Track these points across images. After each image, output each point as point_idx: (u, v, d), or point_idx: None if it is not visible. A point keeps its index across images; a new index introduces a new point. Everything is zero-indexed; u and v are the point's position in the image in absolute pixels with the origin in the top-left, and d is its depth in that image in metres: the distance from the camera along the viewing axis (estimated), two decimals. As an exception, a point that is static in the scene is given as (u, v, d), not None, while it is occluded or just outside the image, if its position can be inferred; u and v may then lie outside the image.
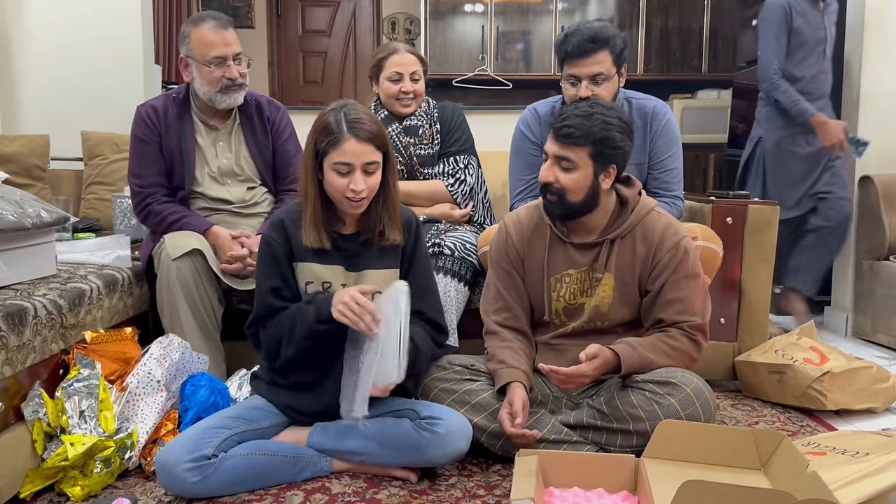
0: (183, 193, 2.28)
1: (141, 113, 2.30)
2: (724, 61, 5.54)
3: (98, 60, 3.47)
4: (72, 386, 1.73)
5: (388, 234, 1.76)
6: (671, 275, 1.78)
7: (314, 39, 6.63)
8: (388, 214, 1.75)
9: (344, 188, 1.67)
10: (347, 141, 1.65)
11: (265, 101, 2.42)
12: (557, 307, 1.87)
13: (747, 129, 4.35)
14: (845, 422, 2.19)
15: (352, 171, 1.66)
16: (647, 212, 1.83)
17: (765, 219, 2.41)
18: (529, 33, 5.65)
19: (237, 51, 2.25)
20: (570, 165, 1.74)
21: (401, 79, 2.46)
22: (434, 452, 1.67)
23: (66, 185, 3.24)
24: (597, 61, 2.17)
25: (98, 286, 1.98)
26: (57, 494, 1.65)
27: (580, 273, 1.84)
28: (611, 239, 1.81)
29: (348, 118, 1.66)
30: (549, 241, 1.86)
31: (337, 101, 1.74)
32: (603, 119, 1.73)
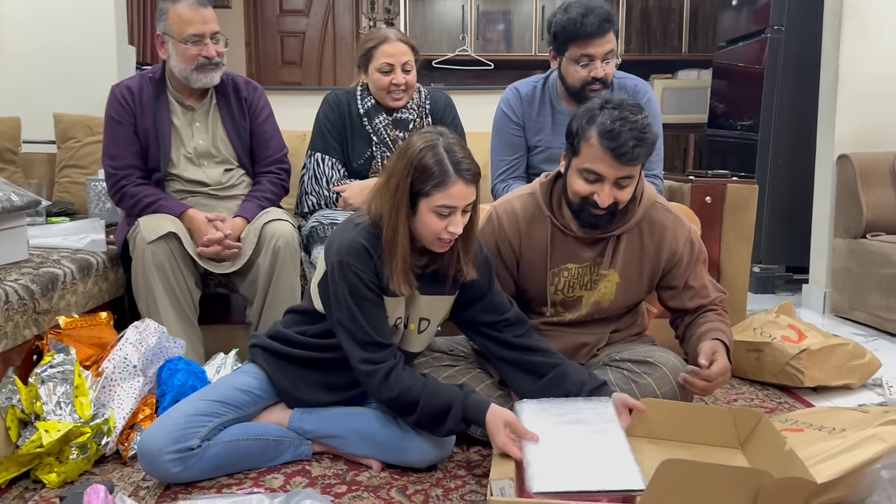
0: (158, 175, 2.24)
1: (115, 93, 2.26)
2: (705, 41, 5.55)
3: (70, 41, 3.40)
4: (46, 372, 1.70)
5: (467, 271, 1.66)
6: (690, 266, 1.80)
7: (292, 19, 6.54)
8: (465, 251, 1.66)
9: (441, 230, 1.57)
10: (455, 184, 1.54)
11: (242, 81, 2.38)
12: (555, 300, 1.84)
13: (727, 110, 4.38)
14: (822, 398, 2.21)
15: (453, 213, 1.56)
16: (652, 204, 1.79)
17: (743, 198, 2.42)
18: (510, 13, 5.62)
19: (215, 29, 2.20)
20: (629, 182, 1.66)
21: (392, 70, 2.32)
22: (414, 456, 1.65)
23: (39, 169, 3.18)
24: (609, 40, 2.18)
25: (72, 271, 1.95)
26: (32, 482, 1.62)
27: (581, 268, 1.79)
28: (617, 234, 1.76)
29: (453, 158, 1.55)
30: (551, 234, 1.78)
31: (423, 133, 1.60)
32: (648, 124, 1.62)
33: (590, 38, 2.15)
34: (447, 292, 1.71)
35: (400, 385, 1.57)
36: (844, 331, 2.99)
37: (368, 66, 2.37)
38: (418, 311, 1.70)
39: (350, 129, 2.42)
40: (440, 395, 1.57)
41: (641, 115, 1.62)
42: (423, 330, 1.72)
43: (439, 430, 1.59)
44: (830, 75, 3.38)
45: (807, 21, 3.71)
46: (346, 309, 1.59)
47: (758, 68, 3.94)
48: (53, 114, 3.16)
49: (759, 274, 3.79)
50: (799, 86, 3.78)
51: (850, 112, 3.31)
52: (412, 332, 1.71)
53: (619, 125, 1.58)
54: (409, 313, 1.69)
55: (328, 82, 6.46)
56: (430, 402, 1.56)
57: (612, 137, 1.58)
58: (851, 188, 3.23)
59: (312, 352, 1.71)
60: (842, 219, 3.31)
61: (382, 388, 1.58)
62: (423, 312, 1.70)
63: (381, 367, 1.58)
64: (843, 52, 3.30)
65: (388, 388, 1.58)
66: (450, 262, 1.67)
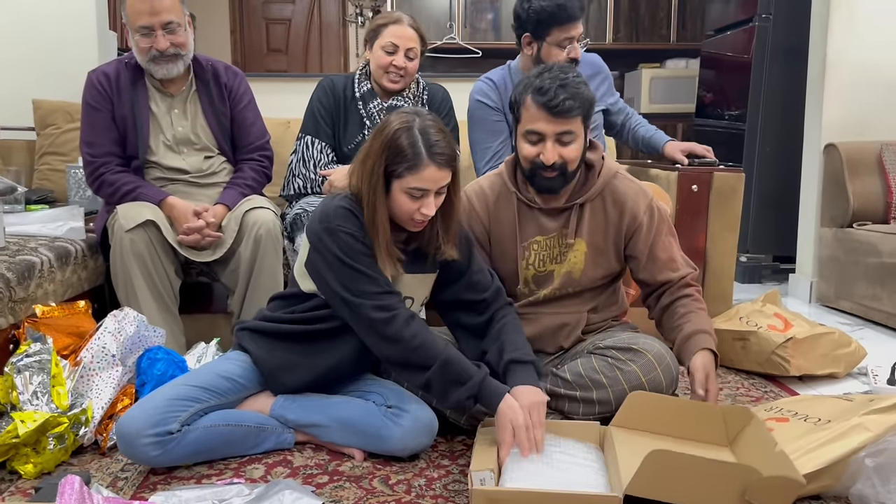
0: (137, 163, 2.20)
1: (92, 79, 2.21)
2: (693, 30, 5.53)
3: (50, 26, 3.34)
4: (21, 361, 1.67)
5: (445, 249, 1.67)
6: (655, 237, 1.79)
7: (278, 6, 6.46)
8: (445, 231, 1.67)
9: (413, 211, 1.58)
10: (427, 168, 1.54)
11: (222, 67, 2.34)
12: (527, 275, 1.84)
13: (715, 99, 4.37)
14: (808, 387, 2.21)
15: (425, 195, 1.57)
16: (614, 174, 1.81)
17: (730, 186, 2.41)
18: (498, 1, 5.58)
19: (166, 20, 2.11)
20: (571, 138, 1.70)
21: (395, 51, 2.30)
22: (395, 445, 1.63)
23: (18, 156, 3.13)
24: (580, 22, 2.29)
25: (49, 259, 1.91)
26: (9, 472, 1.59)
27: (549, 239, 1.82)
28: (580, 203, 1.79)
29: (427, 141, 1.55)
30: (518, 209, 1.83)
31: (400, 113, 1.60)
32: (581, 81, 1.71)
33: (573, 20, 2.23)
34: (428, 270, 1.71)
35: (423, 335, 1.56)
36: (830, 320, 3.00)
37: (374, 42, 2.34)
38: (401, 290, 1.67)
39: (344, 112, 2.39)
40: (462, 362, 1.56)
41: (572, 73, 1.71)
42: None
43: (446, 398, 1.57)
44: (818, 64, 3.37)
45: (795, 9, 3.70)
46: (346, 269, 1.58)
47: (745, 57, 3.93)
48: (32, 100, 3.11)
49: (746, 263, 3.80)
50: (786, 75, 3.78)
51: (837, 101, 3.31)
52: None
53: (549, 82, 1.67)
54: None
55: (314, 70, 6.40)
56: (451, 364, 1.55)
57: (543, 93, 1.67)
58: (838, 177, 3.23)
59: (303, 325, 1.69)
60: (828, 208, 3.31)
61: (405, 332, 1.55)
62: (406, 291, 1.69)
63: (400, 311, 1.57)
64: (831, 40, 3.29)
65: (410, 333, 1.55)
66: (430, 240, 1.67)
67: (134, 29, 2.13)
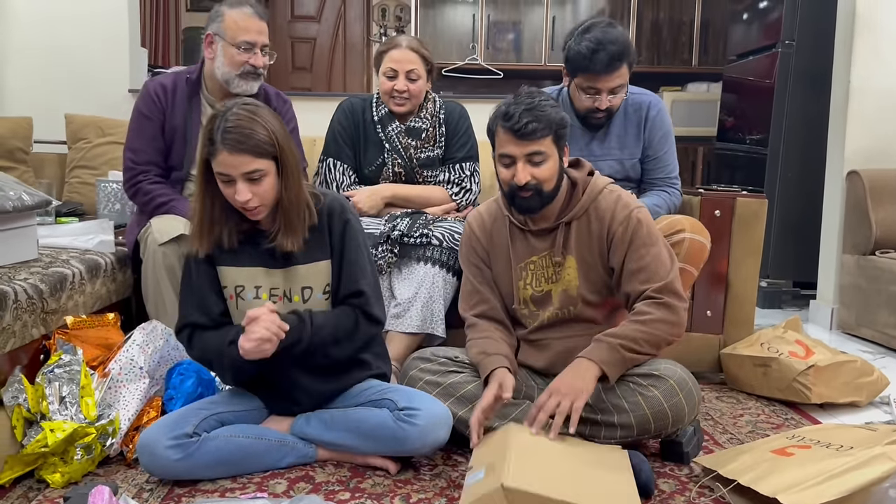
0: (179, 174, 2.25)
1: (149, 88, 2.28)
2: (715, 54, 5.54)
3: (83, 42, 3.43)
4: (52, 371, 1.70)
5: (280, 241, 1.66)
6: (629, 247, 1.76)
7: (303, 25, 6.56)
8: (282, 222, 1.66)
9: (231, 197, 1.61)
10: (220, 153, 1.57)
11: (274, 92, 2.42)
12: (524, 295, 1.86)
13: (736, 123, 4.37)
14: (829, 415, 2.20)
15: (233, 181, 1.59)
16: (600, 191, 1.82)
17: (753, 212, 2.41)
18: (520, 23, 5.63)
19: (266, 42, 2.25)
20: (542, 158, 1.73)
21: (396, 76, 2.35)
22: (414, 444, 1.65)
23: (50, 169, 3.20)
24: (619, 75, 2.19)
25: (80, 271, 1.95)
26: (37, 481, 1.62)
27: (542, 259, 1.85)
28: (566, 222, 1.82)
29: (225, 125, 1.57)
30: (510, 232, 1.87)
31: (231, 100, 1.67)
32: (549, 104, 1.74)
33: (597, 74, 2.17)
34: (319, 258, 1.72)
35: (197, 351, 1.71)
36: (851, 347, 2.98)
37: (378, 69, 2.40)
38: (298, 281, 1.72)
39: (363, 135, 2.43)
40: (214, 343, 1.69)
41: (539, 98, 1.74)
42: (307, 299, 1.73)
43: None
44: (841, 90, 3.37)
45: (818, 36, 3.71)
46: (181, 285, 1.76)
47: (768, 82, 3.93)
48: (65, 114, 3.18)
49: (767, 289, 3.78)
50: (809, 100, 3.78)
51: (860, 128, 3.30)
52: (297, 303, 1.72)
53: (514, 108, 1.73)
54: (291, 285, 1.72)
55: (338, 89, 6.48)
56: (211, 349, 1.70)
57: (508, 118, 1.73)
58: (861, 204, 3.22)
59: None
60: (851, 235, 3.30)
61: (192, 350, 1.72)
62: (303, 280, 1.72)
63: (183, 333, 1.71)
64: (855, 67, 3.29)
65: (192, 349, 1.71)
66: (269, 228, 1.69)
67: (234, 43, 2.20)
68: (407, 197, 2.41)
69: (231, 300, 1.72)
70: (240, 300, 1.71)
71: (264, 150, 1.59)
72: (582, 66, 2.17)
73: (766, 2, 4.10)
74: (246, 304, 1.70)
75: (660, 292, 1.71)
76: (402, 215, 2.33)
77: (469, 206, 2.51)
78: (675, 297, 1.72)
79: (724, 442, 1.94)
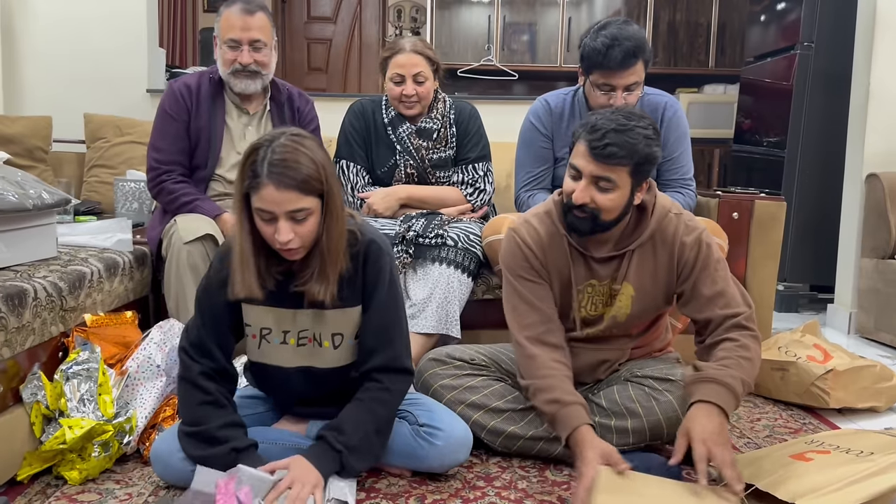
0: (203, 174, 2.27)
1: (174, 88, 2.30)
2: (732, 56, 5.51)
3: (102, 42, 3.46)
4: (71, 369, 1.72)
5: (312, 287, 1.51)
6: (701, 272, 1.68)
7: (319, 26, 6.59)
8: (318, 267, 1.51)
9: (270, 236, 1.46)
10: (266, 187, 1.41)
11: (297, 92, 2.44)
12: (578, 317, 1.79)
13: (753, 125, 4.34)
14: (848, 420, 2.18)
15: (275, 218, 1.44)
16: (665, 215, 1.72)
17: (771, 214, 2.39)
18: (536, 24, 5.62)
19: (255, 37, 2.22)
20: (609, 186, 1.59)
21: (403, 81, 2.34)
22: (432, 462, 1.64)
23: (69, 168, 3.22)
24: (634, 72, 2.15)
25: (99, 269, 1.97)
26: (54, 478, 1.64)
27: (602, 285, 1.76)
28: (632, 250, 1.72)
29: (273, 158, 1.41)
30: (570, 254, 1.74)
31: (276, 129, 1.51)
32: (643, 134, 1.58)
33: (612, 70, 2.13)
34: (349, 304, 1.59)
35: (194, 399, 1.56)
36: (870, 352, 2.95)
37: (385, 74, 2.41)
38: (328, 327, 1.59)
39: (374, 137, 2.44)
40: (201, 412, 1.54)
41: (636, 122, 1.59)
42: (338, 345, 1.61)
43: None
44: (861, 93, 3.34)
45: (837, 38, 3.68)
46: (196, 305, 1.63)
47: (786, 84, 3.90)
48: (84, 114, 3.21)
49: (784, 292, 3.75)
50: (828, 103, 3.75)
51: (880, 130, 3.27)
52: (327, 348, 1.61)
53: (603, 122, 1.59)
54: (321, 331, 1.60)
55: (353, 89, 6.50)
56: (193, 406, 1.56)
57: (592, 131, 1.58)
58: (880, 208, 3.18)
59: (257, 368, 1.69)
60: (869, 238, 3.26)
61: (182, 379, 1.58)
62: (333, 327, 1.60)
63: (192, 369, 1.56)
64: (875, 69, 3.26)
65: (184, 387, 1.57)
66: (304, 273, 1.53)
67: (223, 41, 2.22)
68: (422, 198, 2.41)
69: (254, 339, 1.62)
70: (264, 342, 1.61)
71: (312, 188, 1.44)
72: (597, 62, 2.15)
73: (785, 3, 4.07)
74: (271, 347, 1.60)
75: (750, 321, 1.64)
76: (417, 216, 2.34)
77: (484, 206, 2.50)
78: (756, 325, 1.67)
79: (742, 446, 1.93)
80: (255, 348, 1.63)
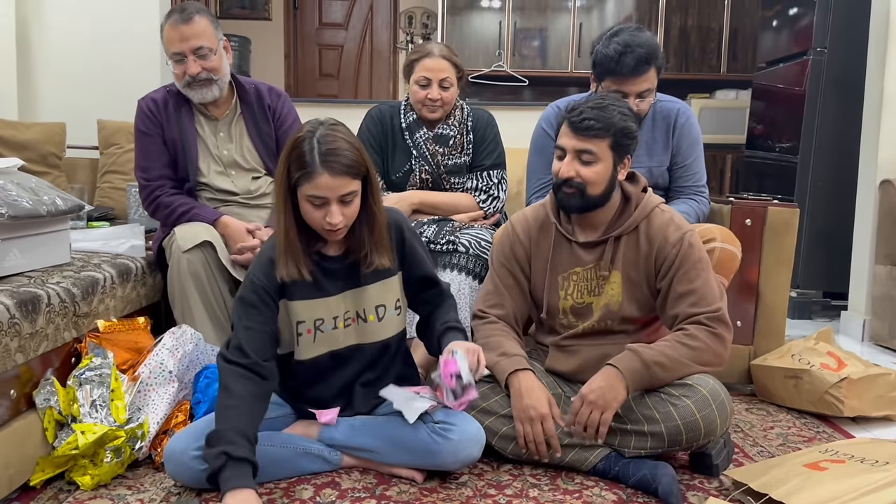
0: (189, 185, 2.27)
1: (142, 106, 2.29)
2: (744, 61, 5.49)
3: (115, 49, 3.48)
4: (84, 374, 1.72)
5: (374, 258, 1.67)
6: (678, 269, 1.74)
7: (331, 32, 6.62)
8: (372, 239, 1.67)
9: (320, 220, 1.58)
10: (321, 176, 1.54)
11: (265, 88, 2.39)
12: (565, 306, 1.84)
13: (766, 131, 4.32)
14: (862, 429, 2.16)
15: (327, 203, 1.57)
16: (652, 209, 1.80)
17: (784, 221, 2.38)
18: (546, 30, 5.62)
19: (196, 45, 2.16)
20: (591, 158, 1.72)
21: (429, 84, 2.36)
22: (446, 458, 1.65)
23: (82, 174, 3.25)
24: (647, 79, 2.16)
25: (112, 275, 1.98)
26: (67, 483, 1.64)
27: (587, 271, 1.82)
28: (615, 236, 1.79)
29: (322, 149, 1.54)
30: (554, 240, 1.85)
31: (308, 122, 1.62)
32: (618, 109, 1.73)
33: (624, 77, 2.14)
34: (386, 275, 1.73)
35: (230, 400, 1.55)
36: (884, 360, 2.92)
37: (410, 77, 2.41)
38: (371, 301, 1.72)
39: (392, 142, 2.44)
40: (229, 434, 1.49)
41: (612, 102, 1.74)
42: (382, 317, 1.74)
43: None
44: (875, 98, 3.32)
45: (850, 43, 3.65)
46: (236, 309, 1.65)
47: (798, 90, 3.88)
48: (97, 120, 3.23)
49: (797, 299, 3.72)
50: (841, 108, 3.72)
51: (894, 136, 3.24)
52: (372, 322, 1.73)
53: (581, 103, 1.74)
54: (364, 306, 1.72)
55: (364, 96, 6.52)
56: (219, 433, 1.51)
57: (571, 109, 1.75)
58: (894, 214, 3.16)
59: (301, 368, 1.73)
60: (883, 245, 3.24)
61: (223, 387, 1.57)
62: (376, 300, 1.72)
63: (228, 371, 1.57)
64: (889, 74, 3.24)
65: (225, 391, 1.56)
66: (359, 250, 1.68)
67: (168, 55, 2.20)
68: (435, 204, 2.41)
69: (308, 334, 1.68)
70: (318, 333, 1.69)
71: (358, 171, 1.58)
72: (609, 69, 2.15)
73: (797, 8, 4.05)
74: (325, 336, 1.70)
75: (713, 321, 1.69)
76: (428, 222, 2.34)
77: (496, 214, 2.50)
78: (726, 329, 1.71)
79: (755, 455, 1.91)
80: (311, 343, 1.69)
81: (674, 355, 1.66)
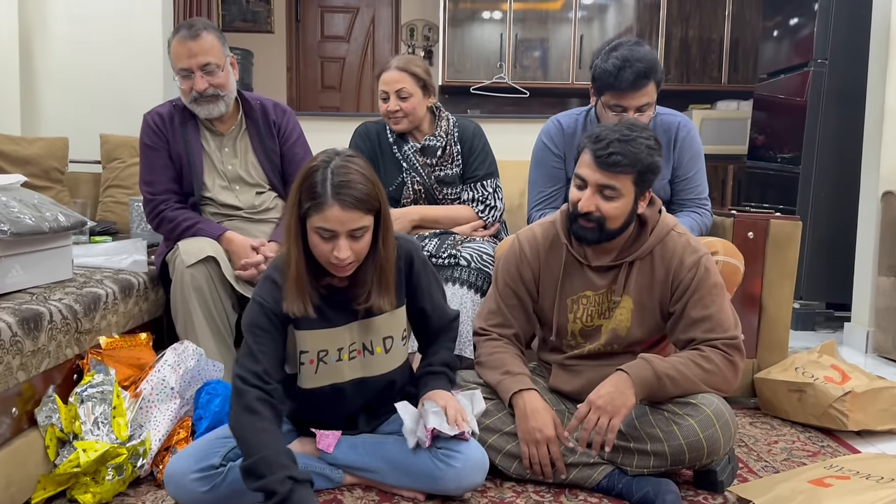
0: (194, 199, 2.27)
1: (147, 120, 2.30)
2: (745, 72, 5.50)
3: (118, 64, 3.50)
4: (85, 391, 1.72)
5: (373, 299, 1.60)
6: (693, 294, 1.70)
7: (333, 45, 6.64)
8: (377, 280, 1.60)
9: (327, 254, 1.52)
10: (331, 208, 1.48)
11: (271, 104, 2.40)
12: (574, 328, 1.82)
13: (767, 142, 4.32)
14: (867, 443, 2.14)
15: (335, 236, 1.50)
16: (667, 232, 1.76)
17: (786, 234, 2.37)
18: (547, 41, 5.64)
19: (203, 61, 2.16)
20: (614, 194, 1.67)
21: (388, 97, 2.39)
22: (448, 485, 1.63)
23: (84, 188, 3.26)
24: (646, 93, 2.15)
25: (114, 291, 1.98)
26: (68, 501, 1.64)
27: (598, 295, 1.79)
28: (629, 261, 1.76)
29: (335, 180, 1.48)
30: (565, 262, 1.80)
31: (323, 152, 1.56)
32: (646, 144, 1.66)
33: (623, 92, 2.13)
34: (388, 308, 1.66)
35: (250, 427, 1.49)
36: (888, 371, 2.91)
37: None
38: (380, 333, 1.67)
39: (381, 156, 2.46)
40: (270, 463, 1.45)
41: (639, 133, 1.67)
42: (389, 349, 1.70)
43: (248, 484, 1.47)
44: (876, 110, 3.32)
45: (851, 54, 3.66)
46: (245, 335, 1.58)
47: (800, 100, 3.89)
48: (100, 135, 3.24)
49: (799, 310, 3.71)
50: (843, 119, 3.72)
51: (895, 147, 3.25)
52: (379, 354, 1.68)
53: (609, 133, 1.66)
54: (372, 338, 1.67)
55: (366, 108, 6.54)
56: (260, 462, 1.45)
57: (596, 141, 1.67)
58: (897, 225, 3.15)
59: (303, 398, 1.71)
60: (886, 257, 3.23)
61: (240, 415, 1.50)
62: (383, 331, 1.68)
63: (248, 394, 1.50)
64: (890, 86, 3.24)
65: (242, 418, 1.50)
66: (361, 287, 1.61)
67: (175, 71, 2.20)
68: (435, 218, 2.41)
69: (311, 365, 1.64)
70: (321, 364, 1.65)
71: (371, 206, 1.52)
72: (608, 84, 2.15)
73: (798, 19, 4.06)
74: (328, 368, 1.65)
75: (730, 348, 1.67)
76: (430, 236, 2.34)
77: (496, 224, 2.50)
78: (741, 357, 1.69)
79: (759, 470, 1.90)
80: (312, 374, 1.65)
81: (686, 373, 1.64)
